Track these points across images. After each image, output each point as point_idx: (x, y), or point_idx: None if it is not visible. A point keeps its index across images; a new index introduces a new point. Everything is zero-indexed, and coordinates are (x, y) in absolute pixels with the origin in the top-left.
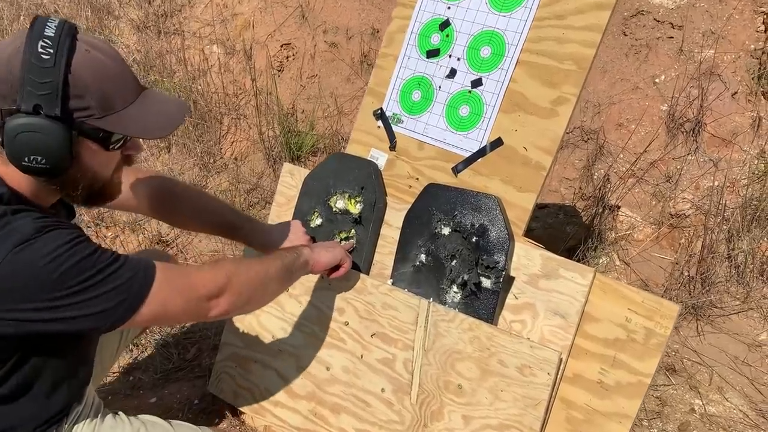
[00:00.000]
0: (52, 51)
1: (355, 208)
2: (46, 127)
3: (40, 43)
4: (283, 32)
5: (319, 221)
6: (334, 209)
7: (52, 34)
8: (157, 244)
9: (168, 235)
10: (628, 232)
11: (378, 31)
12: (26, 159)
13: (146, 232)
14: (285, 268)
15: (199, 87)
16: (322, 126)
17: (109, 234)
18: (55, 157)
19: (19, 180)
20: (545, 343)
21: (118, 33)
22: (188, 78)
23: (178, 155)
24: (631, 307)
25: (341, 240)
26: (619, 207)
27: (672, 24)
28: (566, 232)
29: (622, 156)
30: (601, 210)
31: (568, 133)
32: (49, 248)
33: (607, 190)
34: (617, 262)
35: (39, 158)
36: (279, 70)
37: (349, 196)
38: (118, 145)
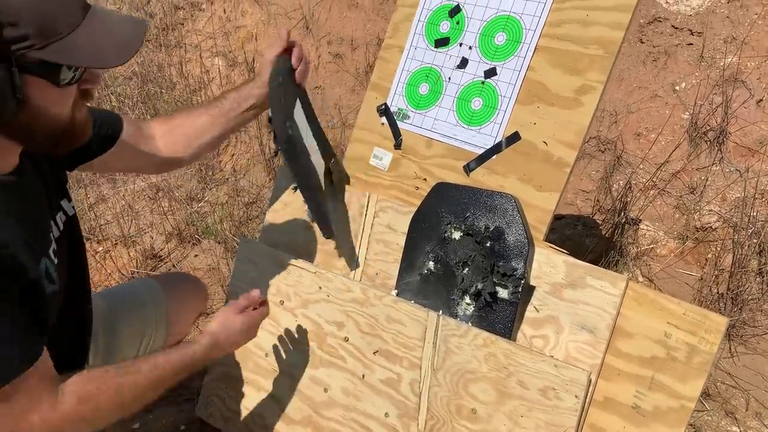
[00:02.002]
0: None
1: None
2: None
3: None
4: None
5: None
6: None
7: None
8: (150, 259)
9: (162, 249)
10: (651, 246)
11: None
12: None
13: (138, 246)
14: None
15: (199, 99)
16: None
17: (100, 249)
18: None
19: None
20: (571, 361)
21: None
22: (188, 90)
23: None
24: (671, 321)
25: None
26: (640, 220)
27: (691, 30)
28: (585, 244)
29: (642, 167)
30: (622, 221)
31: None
32: None
33: (628, 200)
34: (640, 278)
35: None
36: None
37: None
38: (71, 78)
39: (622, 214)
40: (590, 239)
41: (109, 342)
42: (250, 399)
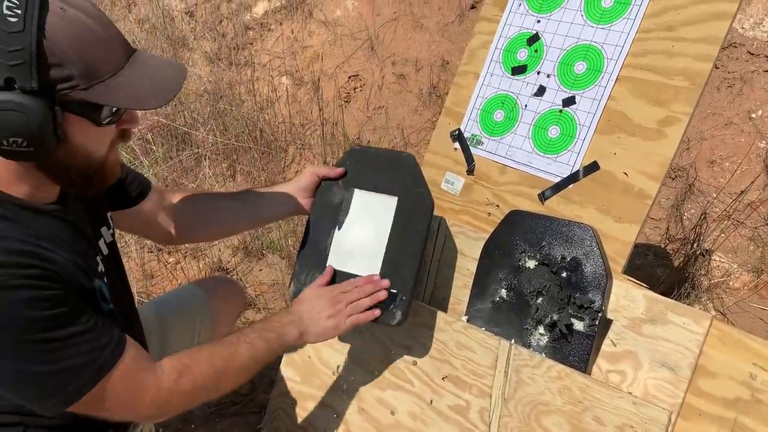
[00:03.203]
0: (20, 12)
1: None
2: (24, 103)
3: (5, 3)
4: (351, 64)
5: None
6: None
7: None
8: (218, 271)
9: (228, 262)
10: (723, 279)
11: (448, 63)
12: (5, 142)
13: (207, 259)
14: (253, 362)
15: (267, 116)
16: None
17: (171, 260)
18: (37, 137)
19: (6, 173)
20: (650, 399)
21: (192, 63)
22: (256, 108)
23: (243, 183)
24: (757, 362)
25: None
26: (712, 251)
27: None
28: (657, 275)
29: (715, 195)
30: (696, 253)
31: None
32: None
33: (703, 231)
34: (713, 312)
35: (19, 140)
36: (346, 101)
37: None
38: (111, 119)
39: (696, 244)
40: (661, 269)
41: (163, 349)
42: (316, 416)
